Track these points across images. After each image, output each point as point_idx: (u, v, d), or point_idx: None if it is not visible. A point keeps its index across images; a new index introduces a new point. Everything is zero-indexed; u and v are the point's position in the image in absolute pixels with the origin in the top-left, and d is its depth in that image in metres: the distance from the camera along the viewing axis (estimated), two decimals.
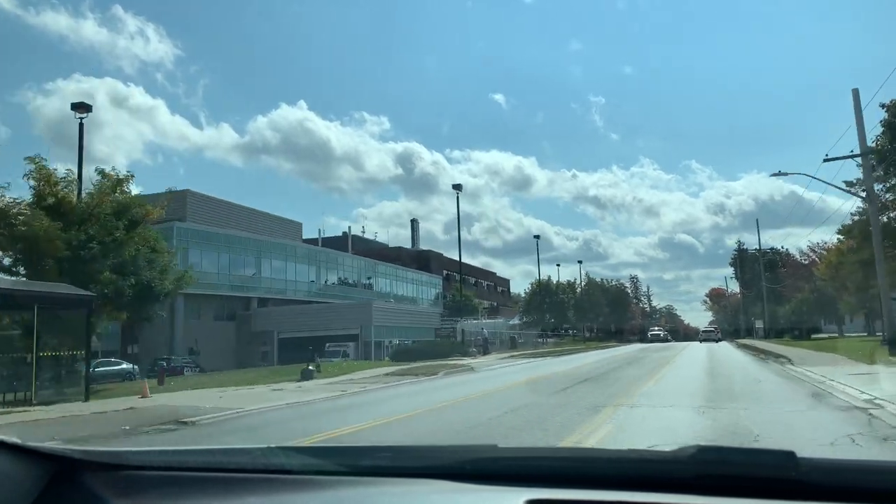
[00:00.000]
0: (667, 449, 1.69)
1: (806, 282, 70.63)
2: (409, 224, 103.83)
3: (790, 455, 1.47)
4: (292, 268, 62.81)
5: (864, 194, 26.33)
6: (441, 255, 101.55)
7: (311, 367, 23.77)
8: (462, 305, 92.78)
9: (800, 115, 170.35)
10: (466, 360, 36.33)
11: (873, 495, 1.41)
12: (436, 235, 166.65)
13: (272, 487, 1.71)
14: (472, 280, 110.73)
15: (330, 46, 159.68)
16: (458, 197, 51.74)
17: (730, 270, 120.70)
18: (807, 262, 76.22)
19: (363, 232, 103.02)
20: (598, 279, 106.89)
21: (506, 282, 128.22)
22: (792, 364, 23.48)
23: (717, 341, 73.21)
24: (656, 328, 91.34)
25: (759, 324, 74.71)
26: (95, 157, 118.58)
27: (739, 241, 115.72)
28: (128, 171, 25.71)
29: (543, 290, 76.43)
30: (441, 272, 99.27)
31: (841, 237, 63.09)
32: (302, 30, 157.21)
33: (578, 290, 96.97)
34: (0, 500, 1.57)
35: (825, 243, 73.09)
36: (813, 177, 26.91)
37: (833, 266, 58.92)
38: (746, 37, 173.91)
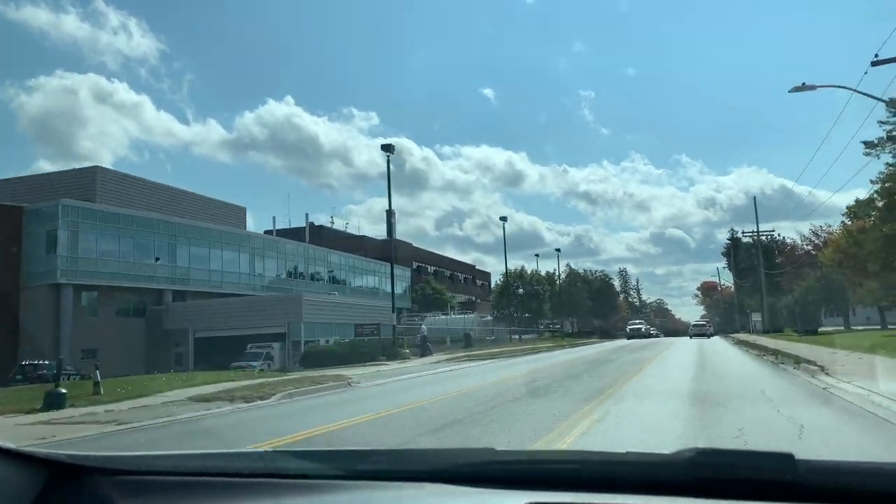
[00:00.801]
0: (665, 452, 1.63)
1: (811, 269, 61.75)
2: (402, 219, 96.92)
3: (788, 457, 1.44)
4: (220, 256, 53.54)
5: None
6: (410, 244, 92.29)
7: (61, 390, 14.53)
8: (432, 299, 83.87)
9: (790, 109, 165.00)
10: (379, 367, 27.27)
11: (871, 497, 1.39)
12: (427, 232, 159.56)
13: (270, 491, 1.68)
14: (448, 273, 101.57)
15: (317, 39, 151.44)
16: (388, 160, 42.56)
17: (722, 262, 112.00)
18: (809, 246, 67.18)
19: (332, 223, 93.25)
20: (581, 270, 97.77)
21: (486, 275, 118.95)
22: (827, 374, 14.43)
23: (708, 336, 64.65)
24: (637, 321, 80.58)
25: (755, 317, 65.72)
26: (80, 153, 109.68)
27: (732, 229, 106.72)
28: None
29: (516, 281, 67.33)
30: (411, 263, 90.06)
31: (846, 220, 54.74)
32: (286, 22, 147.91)
33: (559, 281, 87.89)
34: None
35: (829, 226, 64.31)
36: (854, 89, 17.98)
37: (841, 250, 50.12)
38: (735, 30, 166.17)
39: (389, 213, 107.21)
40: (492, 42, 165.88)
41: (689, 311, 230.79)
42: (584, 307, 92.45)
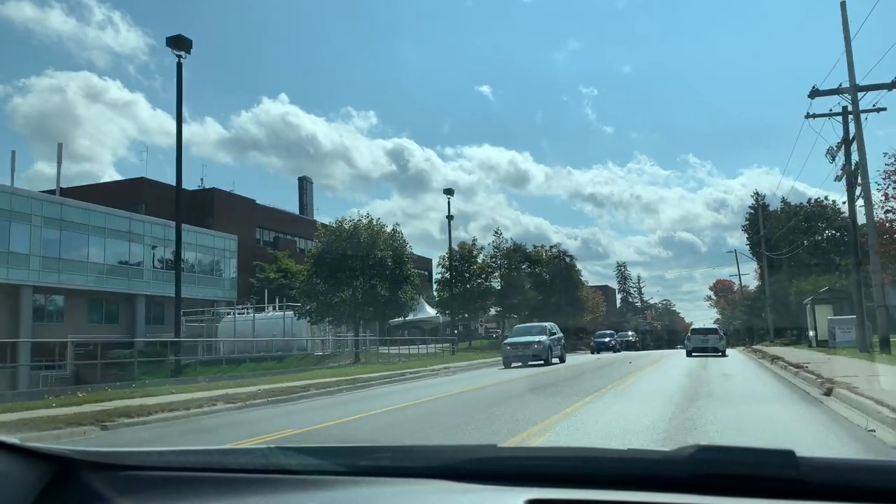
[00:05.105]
0: (666, 448, 1.57)
1: None
2: (401, 218, 75.94)
3: (790, 454, 1.37)
4: None
5: None
6: (253, 201, 57.17)
7: None
8: (278, 286, 49.13)
9: (799, 110, 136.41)
10: None
11: (873, 494, 1.34)
12: (431, 234, 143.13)
13: (272, 487, 1.62)
14: None
15: (308, 36, 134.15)
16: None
17: (740, 246, 76.05)
18: None
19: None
20: (530, 247, 62.19)
21: (426, 262, 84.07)
22: None
23: (720, 352, 30.66)
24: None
25: (824, 313, 29.96)
26: (77, 152, 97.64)
27: (756, 192, 70.45)
28: None
29: (343, 240, 32.57)
30: (253, 230, 55.42)
31: None
32: (276, 16, 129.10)
33: (480, 255, 52.94)
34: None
35: None
36: None
37: None
38: (743, 24, 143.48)
39: (303, 180, 72.29)
40: (491, 38, 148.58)
41: (702, 315, 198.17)
42: (531, 300, 57.11)
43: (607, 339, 48.22)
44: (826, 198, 62.09)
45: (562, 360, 27.43)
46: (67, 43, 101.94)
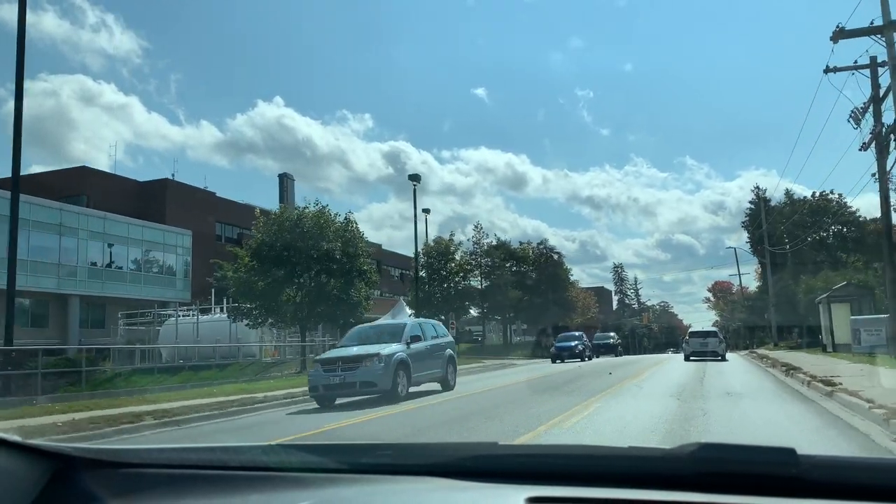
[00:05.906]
0: (667, 446, 1.54)
1: None
2: (398, 221, 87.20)
3: (790, 452, 1.37)
4: None
5: None
6: (213, 194, 52.64)
7: None
8: (245, 284, 44.63)
9: (800, 110, 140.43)
10: None
11: (873, 492, 1.33)
12: (429, 236, 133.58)
13: (273, 485, 1.61)
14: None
15: (299, 36, 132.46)
16: None
17: (741, 246, 71.90)
18: None
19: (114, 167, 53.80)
20: (517, 244, 57.82)
21: (406, 261, 79.57)
22: None
23: (720, 356, 26.56)
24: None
25: (841, 313, 25.58)
26: (73, 156, 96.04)
27: (757, 186, 66.24)
28: None
29: (285, 230, 28.40)
30: (212, 227, 51.04)
31: None
32: (269, 18, 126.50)
33: (458, 252, 48.64)
34: (1, 497, 1.48)
35: None
36: None
37: None
38: (740, 30, 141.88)
39: (284, 177, 69.14)
40: (487, 41, 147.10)
41: (701, 318, 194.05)
42: (515, 300, 52.74)
43: (573, 344, 36.63)
44: (832, 191, 57.99)
45: (446, 387, 16.53)
46: (61, 46, 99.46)
